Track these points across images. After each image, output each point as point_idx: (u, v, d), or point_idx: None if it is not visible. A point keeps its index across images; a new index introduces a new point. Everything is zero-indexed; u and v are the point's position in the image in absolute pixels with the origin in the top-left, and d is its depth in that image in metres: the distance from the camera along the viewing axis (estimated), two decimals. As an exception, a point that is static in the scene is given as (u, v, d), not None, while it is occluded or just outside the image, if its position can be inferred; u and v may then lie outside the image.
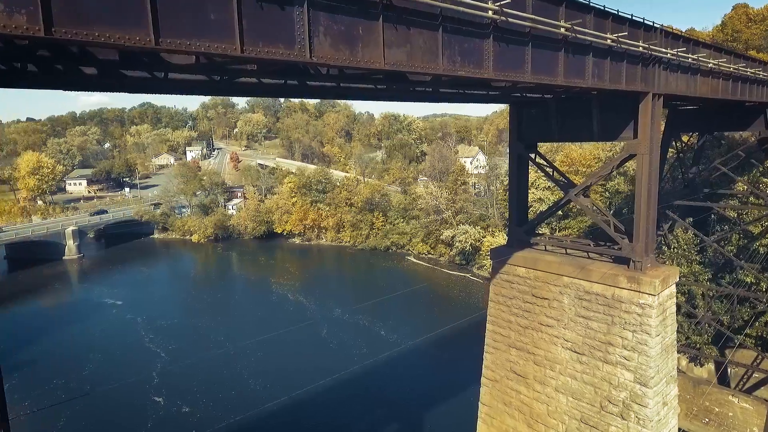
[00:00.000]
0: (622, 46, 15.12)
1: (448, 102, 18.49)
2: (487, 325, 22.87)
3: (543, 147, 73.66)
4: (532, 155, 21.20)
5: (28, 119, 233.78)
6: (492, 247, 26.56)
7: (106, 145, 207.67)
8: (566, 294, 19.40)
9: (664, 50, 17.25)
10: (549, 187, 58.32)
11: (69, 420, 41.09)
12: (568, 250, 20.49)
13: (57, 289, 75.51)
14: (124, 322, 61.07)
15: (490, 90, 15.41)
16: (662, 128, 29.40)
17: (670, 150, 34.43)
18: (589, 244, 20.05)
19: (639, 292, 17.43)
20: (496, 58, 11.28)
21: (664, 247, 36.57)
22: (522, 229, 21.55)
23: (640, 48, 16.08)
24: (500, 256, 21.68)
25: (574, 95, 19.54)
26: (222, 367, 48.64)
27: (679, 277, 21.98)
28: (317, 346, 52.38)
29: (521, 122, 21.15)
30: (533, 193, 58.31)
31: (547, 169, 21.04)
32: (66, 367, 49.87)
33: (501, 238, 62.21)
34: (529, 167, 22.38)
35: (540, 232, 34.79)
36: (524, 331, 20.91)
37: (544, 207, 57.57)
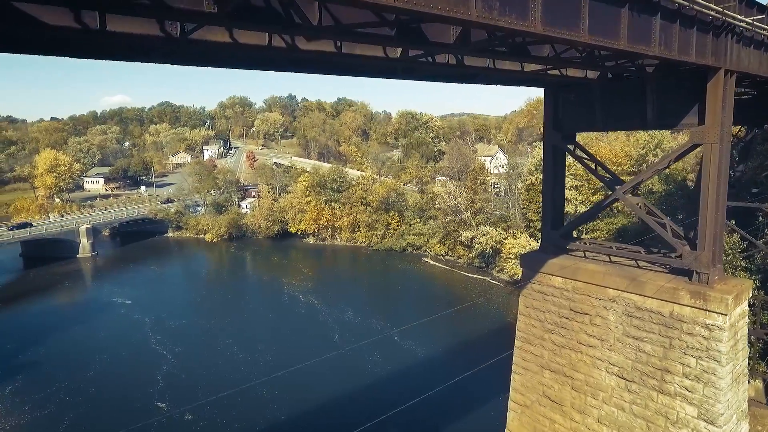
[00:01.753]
0: (694, 7, 12.14)
1: (474, 82, 15.70)
2: (515, 341, 19.99)
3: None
4: (571, 146, 18.26)
5: (53, 119, 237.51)
6: (521, 252, 23.64)
7: (126, 143, 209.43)
8: (612, 310, 16.45)
9: (739, 17, 14.18)
10: (576, 186, 54.84)
11: (70, 425, 39.39)
12: (613, 258, 17.53)
13: (67, 287, 74.61)
14: (132, 322, 59.55)
15: (526, 60, 12.59)
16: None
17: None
18: (639, 251, 17.03)
19: (705, 310, 14.40)
20: (545, 7, 8.51)
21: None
22: (558, 233, 18.60)
23: (713, 12, 13.07)
24: (532, 264, 18.80)
25: (624, 74, 16.57)
26: (228, 372, 46.54)
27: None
28: (328, 353, 49.78)
29: (558, 109, 18.23)
30: (559, 192, 55.01)
31: (589, 163, 18.06)
32: (71, 368, 48.50)
33: (523, 240, 59.01)
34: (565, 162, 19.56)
35: (575, 236, 31.65)
36: (560, 351, 17.99)
37: (570, 208, 54.08)
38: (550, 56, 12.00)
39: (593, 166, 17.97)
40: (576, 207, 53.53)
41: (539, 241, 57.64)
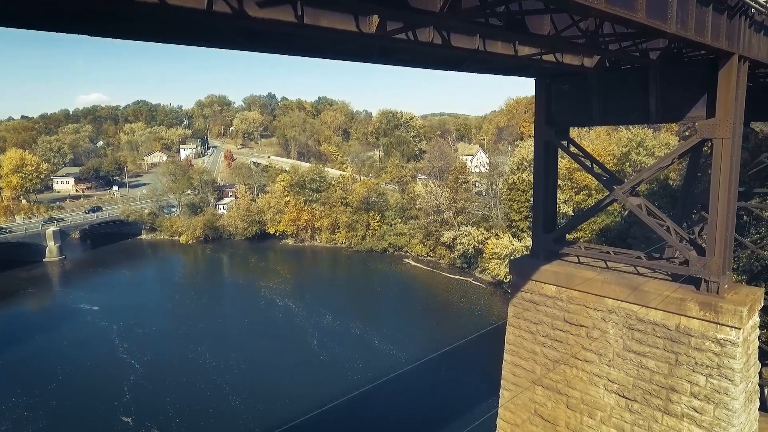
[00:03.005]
0: (711, -19, 10.67)
1: (460, 68, 13.98)
2: (504, 354, 18.37)
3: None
4: (564, 143, 16.74)
5: (23, 117, 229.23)
6: (511, 257, 22.09)
7: (100, 143, 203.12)
8: (612, 321, 14.97)
9: (753, -2, 12.79)
10: (559, 185, 53.65)
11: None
12: (611, 264, 16.08)
13: (31, 293, 70.75)
14: (99, 329, 56.48)
15: (522, 40, 10.95)
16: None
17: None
18: (640, 257, 15.59)
19: (716, 323, 12.98)
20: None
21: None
22: (550, 236, 17.04)
23: (727, -10, 11.63)
24: (523, 271, 17.22)
25: (623, 64, 15.10)
26: (200, 382, 44.14)
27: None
28: (306, 361, 47.83)
29: (551, 102, 16.69)
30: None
31: (585, 161, 16.54)
32: (31, 380, 45.44)
33: (506, 240, 57.80)
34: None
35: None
36: (554, 366, 16.45)
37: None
38: (550, 34, 10.35)
39: (589, 164, 16.44)
40: (558, 207, 52.40)
41: (522, 241, 56.35)
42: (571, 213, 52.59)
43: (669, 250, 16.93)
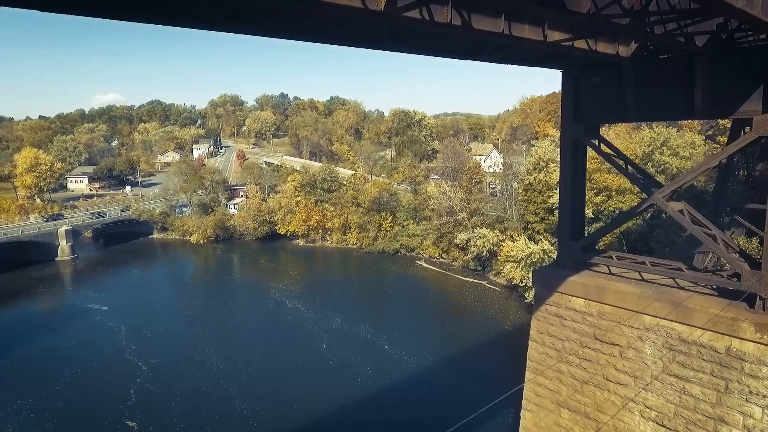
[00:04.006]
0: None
1: (481, 57, 12.50)
2: (526, 372, 16.84)
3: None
4: (595, 141, 15.16)
5: (41, 117, 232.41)
6: (534, 266, 20.51)
7: (114, 142, 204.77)
8: (649, 341, 13.38)
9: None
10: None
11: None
12: (646, 276, 14.49)
13: (41, 293, 70.62)
14: (107, 330, 55.88)
15: (555, 22, 9.44)
16: None
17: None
18: (680, 269, 13.97)
19: (776, 347, 11.36)
20: None
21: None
22: (578, 245, 15.47)
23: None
24: (547, 281, 15.68)
25: (660, 52, 13.46)
26: (206, 386, 43.11)
27: None
28: (315, 366, 46.57)
29: (579, 96, 15.13)
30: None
31: (618, 161, 14.92)
32: (39, 381, 44.95)
33: (522, 243, 55.86)
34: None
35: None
36: (582, 388, 14.89)
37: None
38: (589, 12, 8.83)
39: (623, 165, 14.81)
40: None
41: (539, 244, 54.41)
42: (590, 215, 50.51)
43: (700, 257, 15.23)
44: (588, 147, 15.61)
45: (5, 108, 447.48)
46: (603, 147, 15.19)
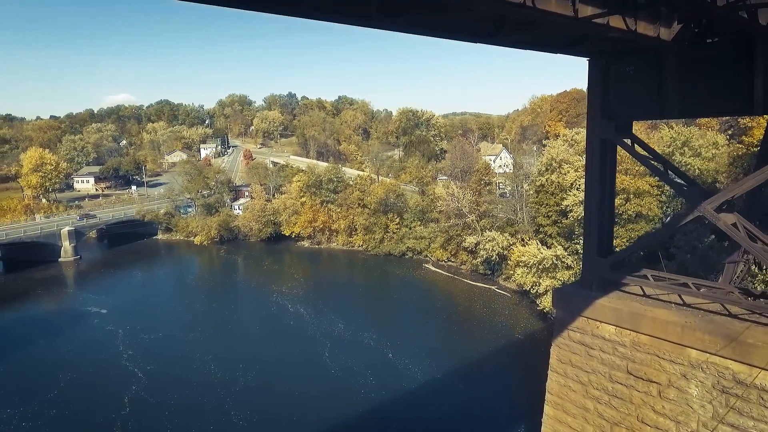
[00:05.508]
0: None
1: (495, 40, 10.38)
2: (545, 406, 14.69)
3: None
4: (627, 141, 13.00)
5: (52, 117, 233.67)
6: (553, 285, 18.34)
7: (123, 142, 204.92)
8: (696, 380, 11.21)
9: None
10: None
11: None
12: (689, 299, 12.30)
13: (41, 294, 69.48)
14: (104, 334, 54.47)
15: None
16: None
17: None
18: (732, 292, 11.77)
19: None
20: None
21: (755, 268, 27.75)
22: (607, 262, 13.31)
23: None
24: (570, 304, 13.54)
25: (707, 37, 11.24)
26: (203, 395, 41.53)
27: None
28: (317, 375, 44.67)
29: (609, 88, 12.96)
30: (575, 195, 49.41)
31: (656, 164, 12.72)
32: (32, 388, 43.73)
33: (533, 248, 53.52)
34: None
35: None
36: (612, 430, 12.74)
37: (587, 213, 48.54)
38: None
39: (660, 167, 12.60)
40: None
41: (551, 248, 51.86)
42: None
43: (729, 269, 13.00)
44: (617, 148, 13.37)
45: (18, 108, 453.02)
46: (637, 148, 12.97)
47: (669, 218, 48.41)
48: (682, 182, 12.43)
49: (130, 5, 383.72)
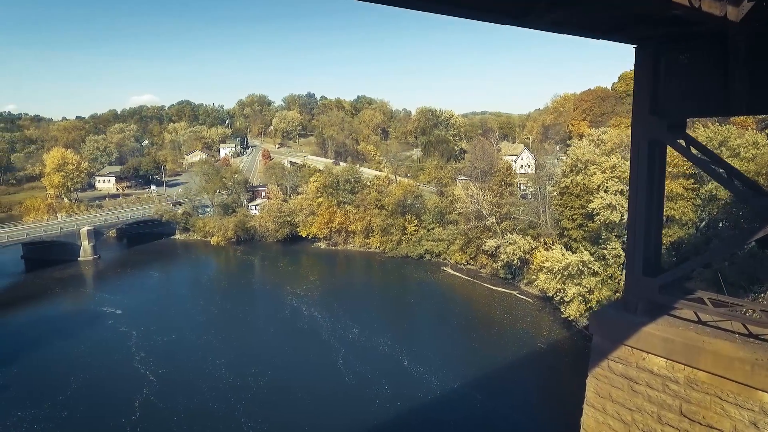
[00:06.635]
0: None
1: (531, 20, 8.67)
2: (579, 445, 12.94)
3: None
4: (681, 141, 11.13)
5: (78, 118, 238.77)
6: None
7: (145, 142, 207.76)
8: (770, 431, 9.36)
9: None
10: (622, 191, 46.63)
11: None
12: (755, 329, 10.39)
13: (58, 294, 69.73)
14: (118, 335, 54.16)
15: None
16: None
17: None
18: (812, 324, 9.85)
19: None
20: None
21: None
22: (655, 282, 11.45)
23: None
24: (611, 329, 11.71)
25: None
26: (214, 401, 40.73)
27: None
28: (330, 383, 43.30)
29: (659, 81, 11.11)
30: (602, 198, 46.89)
31: (718, 170, 10.80)
32: (44, 389, 43.56)
33: (558, 253, 51.12)
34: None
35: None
36: (661, 481, 10.92)
37: (615, 217, 46.00)
38: None
39: (723, 174, 10.67)
40: (622, 215, 45.47)
41: (576, 252, 49.36)
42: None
43: None
44: (665, 148, 11.46)
45: (45, 109, 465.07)
46: (694, 150, 11.06)
47: (704, 223, 45.64)
48: (751, 191, 10.48)
49: (156, 7, 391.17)
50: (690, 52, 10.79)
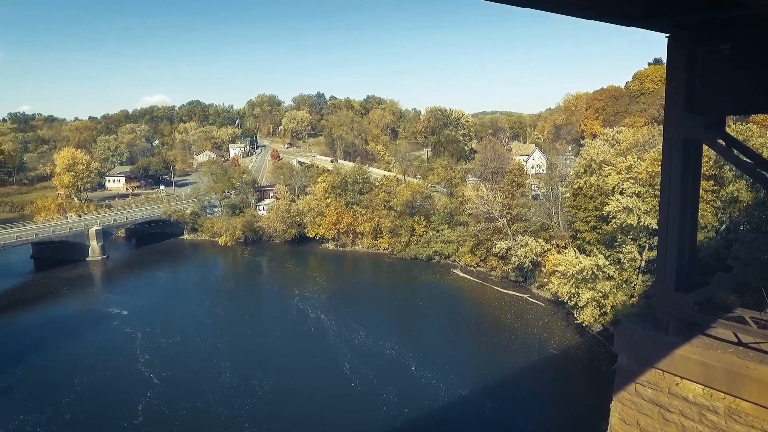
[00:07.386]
0: None
1: (567, 9, 7.57)
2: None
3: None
4: (721, 141, 9.94)
5: (90, 118, 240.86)
6: (614, 323, 15.32)
7: (155, 142, 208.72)
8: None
9: None
10: (638, 193, 45.09)
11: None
12: (808, 354, 9.19)
13: (65, 294, 69.62)
14: (123, 336, 53.77)
15: None
16: None
17: None
18: None
19: None
20: None
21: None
22: (690, 298, 10.26)
23: None
24: (639, 349, 10.53)
25: None
26: (217, 406, 40.16)
27: None
28: (336, 389, 42.37)
29: (695, 74, 9.93)
30: (618, 200, 45.35)
31: (764, 172, 9.59)
32: (48, 390, 43.57)
33: (571, 256, 49.64)
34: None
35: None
36: None
37: (632, 220, 44.44)
38: None
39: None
40: (639, 218, 43.93)
41: (590, 255, 47.81)
42: (655, 226, 43.88)
43: None
44: (701, 147, 10.23)
45: (59, 110, 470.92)
46: (734, 151, 9.83)
47: (724, 226, 43.91)
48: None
49: (169, 9, 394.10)
50: (732, 40, 9.58)
